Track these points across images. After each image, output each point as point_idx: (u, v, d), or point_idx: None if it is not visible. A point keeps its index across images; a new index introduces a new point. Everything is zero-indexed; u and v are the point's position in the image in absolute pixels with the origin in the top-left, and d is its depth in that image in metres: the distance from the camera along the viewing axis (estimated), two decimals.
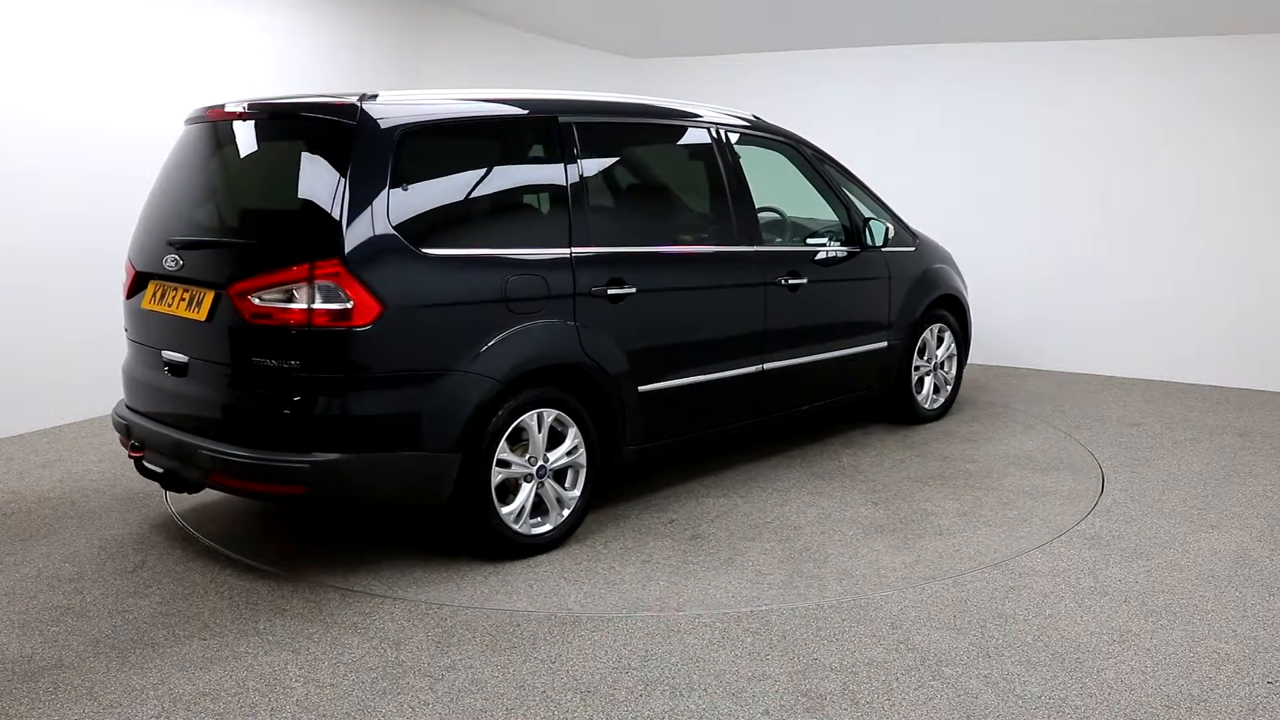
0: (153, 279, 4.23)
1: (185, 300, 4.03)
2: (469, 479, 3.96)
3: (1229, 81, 7.36)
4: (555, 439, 4.25)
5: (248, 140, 4.23)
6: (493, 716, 3.00)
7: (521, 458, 4.13)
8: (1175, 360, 7.71)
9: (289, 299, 3.69)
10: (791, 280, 5.22)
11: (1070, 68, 7.84)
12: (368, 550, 4.24)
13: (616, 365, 4.40)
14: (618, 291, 4.40)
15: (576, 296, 4.26)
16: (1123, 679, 3.22)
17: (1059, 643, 3.47)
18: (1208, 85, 7.43)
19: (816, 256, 5.49)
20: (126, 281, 4.41)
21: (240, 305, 3.76)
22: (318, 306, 3.66)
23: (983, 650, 3.41)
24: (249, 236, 4.09)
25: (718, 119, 5.21)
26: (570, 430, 4.27)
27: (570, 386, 4.29)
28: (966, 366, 6.78)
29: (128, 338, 4.43)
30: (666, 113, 5.05)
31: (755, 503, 4.88)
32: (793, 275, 5.24)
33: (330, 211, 3.71)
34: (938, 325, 6.36)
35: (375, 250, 3.74)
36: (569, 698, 3.11)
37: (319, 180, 3.80)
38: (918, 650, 3.41)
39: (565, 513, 4.29)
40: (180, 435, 4.00)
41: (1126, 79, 7.70)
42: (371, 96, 3.93)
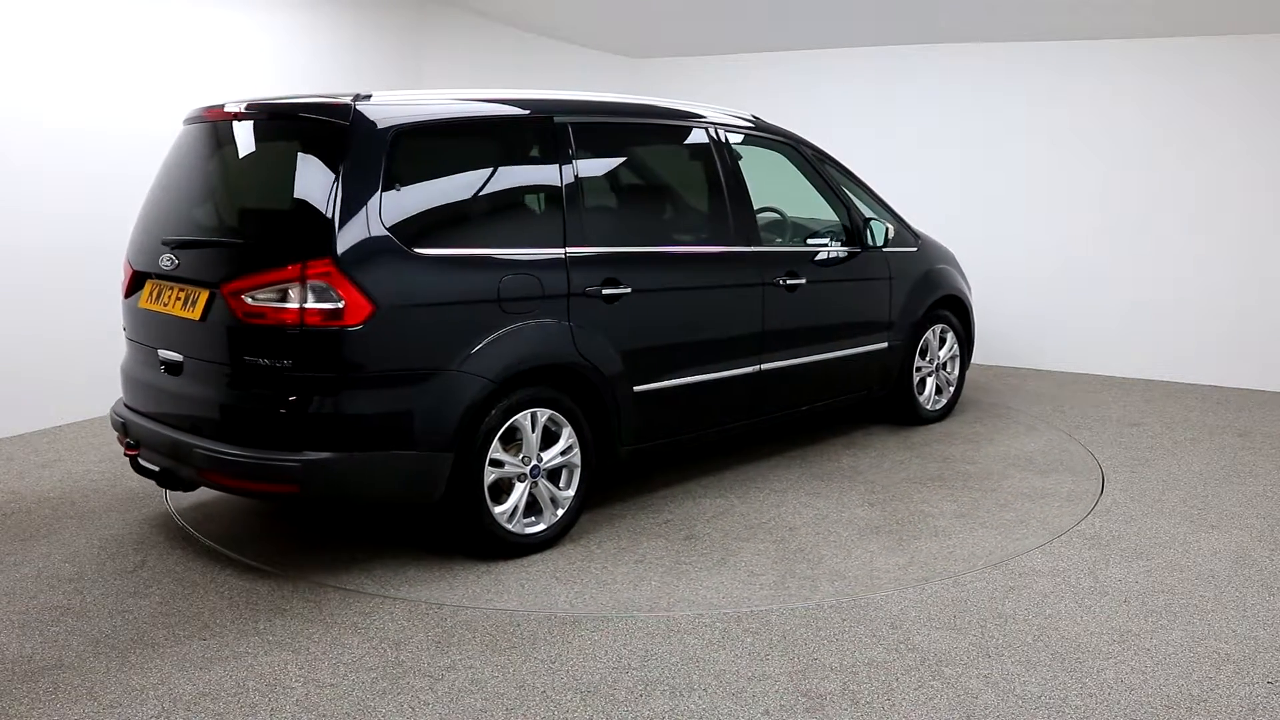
0: (149, 278, 4.25)
1: (181, 299, 4.04)
2: (462, 478, 3.96)
3: (1229, 81, 7.36)
4: (550, 439, 4.26)
5: (243, 140, 4.24)
6: (493, 716, 3.00)
7: (515, 457, 4.13)
8: (1175, 360, 7.71)
9: (282, 298, 3.70)
10: (790, 280, 5.22)
11: (1070, 68, 7.84)
12: (360, 549, 4.24)
13: (611, 365, 4.40)
14: (612, 291, 4.40)
15: (571, 296, 4.26)
16: (1123, 679, 3.22)
17: (1059, 643, 3.47)
18: (1208, 85, 7.43)
19: (816, 257, 5.48)
20: (124, 281, 4.44)
21: (234, 304, 3.78)
22: (310, 306, 3.67)
23: (983, 650, 3.41)
24: (243, 236, 4.10)
25: (716, 119, 5.20)
26: (564, 430, 4.27)
27: (564, 386, 4.29)
28: (969, 367, 6.76)
29: (126, 337, 4.45)
30: (663, 113, 5.04)
31: (752, 503, 4.88)
32: (791, 275, 5.23)
33: (323, 211, 3.72)
34: (940, 326, 6.34)
35: (367, 250, 3.75)
36: (569, 698, 3.11)
37: (312, 180, 3.81)
38: (918, 650, 3.41)
39: (559, 512, 4.29)
40: (175, 434, 4.01)
41: (1126, 79, 7.70)
42: (365, 97, 3.94)
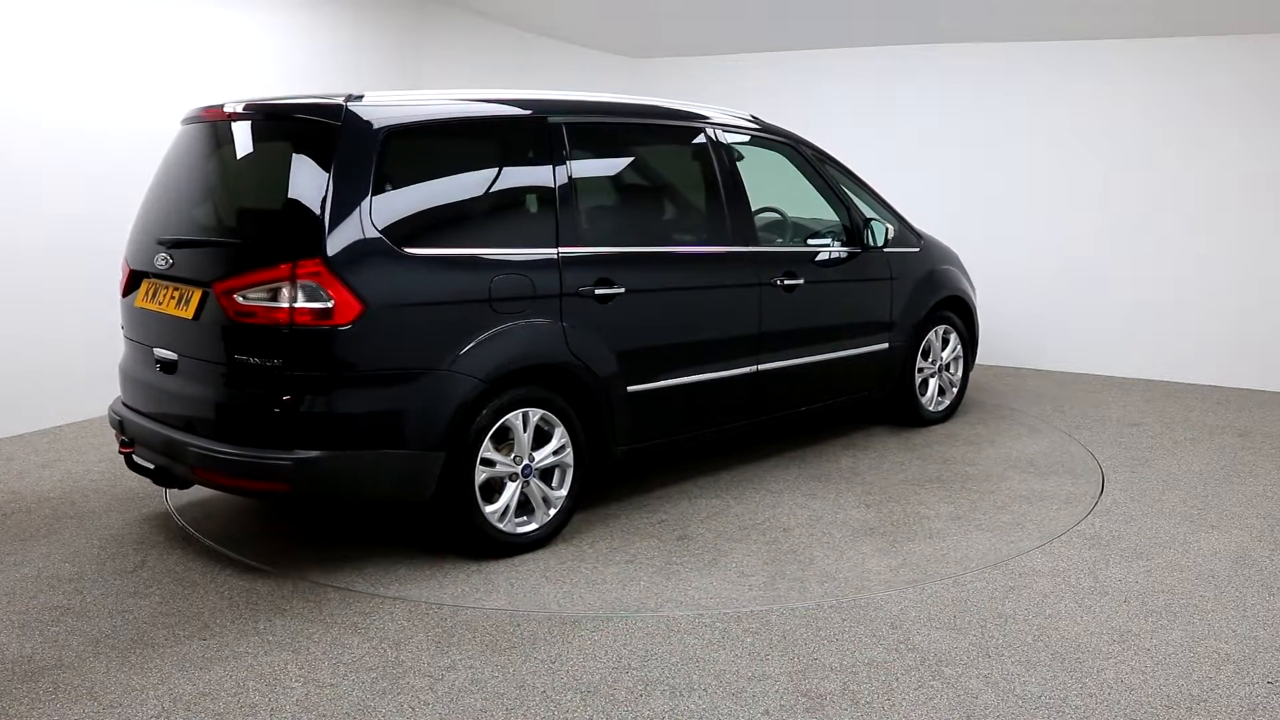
0: (146, 277, 4.28)
1: (175, 298, 4.06)
2: (452, 477, 3.97)
3: (1229, 81, 7.36)
4: (542, 438, 4.26)
5: (238, 140, 4.25)
6: (493, 716, 3.00)
7: (507, 457, 4.13)
8: (1175, 360, 7.70)
9: (272, 298, 3.71)
10: (788, 281, 5.20)
11: (1070, 68, 7.83)
12: (353, 547, 4.25)
13: (604, 365, 4.40)
14: (606, 291, 4.39)
15: (563, 296, 4.26)
16: (1123, 679, 3.22)
17: (1059, 643, 3.47)
18: (1208, 85, 7.43)
19: (816, 257, 5.47)
20: (122, 280, 4.46)
21: (225, 304, 3.79)
22: (300, 305, 3.68)
23: (983, 650, 3.41)
24: (235, 235, 4.12)
25: (714, 119, 5.18)
26: (557, 430, 4.27)
27: (557, 386, 4.29)
28: (973, 369, 6.73)
29: (124, 335, 4.47)
30: (659, 112, 5.02)
31: (747, 504, 4.87)
32: (789, 276, 5.22)
33: (313, 211, 3.73)
34: (943, 327, 6.30)
35: (357, 250, 3.76)
36: (569, 698, 3.11)
37: (304, 180, 3.82)
38: (918, 650, 3.41)
39: (551, 512, 4.29)
40: (169, 432, 4.04)
41: (1126, 79, 7.69)
42: (357, 97, 3.94)
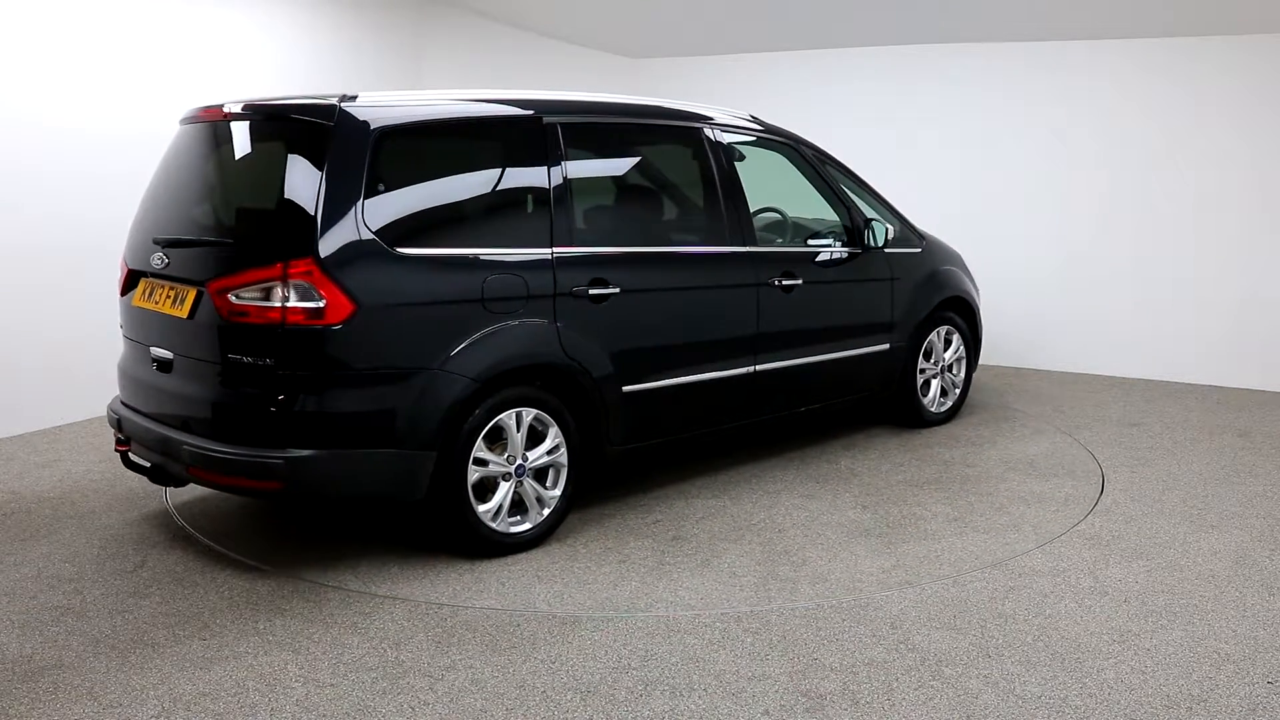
0: (143, 277, 4.30)
1: (170, 298, 4.08)
2: (445, 477, 3.97)
3: (1229, 81, 7.35)
4: (536, 438, 4.26)
5: (235, 140, 4.26)
6: (493, 716, 3.00)
7: (500, 456, 4.14)
8: (1175, 360, 7.70)
9: (265, 297, 3.73)
10: (786, 281, 5.19)
11: (1070, 68, 7.83)
12: (348, 546, 4.25)
13: (599, 365, 4.39)
14: (600, 292, 4.39)
15: (557, 297, 4.26)
16: (1123, 679, 3.22)
17: (1059, 643, 3.47)
18: (1208, 85, 7.43)
19: (817, 258, 5.46)
20: (121, 279, 4.48)
21: (219, 303, 3.81)
22: (292, 305, 3.70)
23: (983, 650, 3.41)
24: (229, 235, 4.14)
25: (713, 119, 5.17)
26: (551, 430, 4.27)
27: (551, 386, 4.29)
28: (976, 370, 6.72)
29: (122, 334, 4.49)
30: (655, 112, 5.00)
31: (744, 504, 4.87)
32: (787, 276, 5.21)
33: (306, 211, 3.75)
34: (945, 328, 6.27)
35: (349, 250, 3.77)
36: (569, 698, 3.11)
37: (297, 180, 3.83)
38: (918, 650, 3.41)
39: (545, 512, 4.29)
40: (165, 430, 4.05)
41: (1126, 79, 7.69)
42: (351, 98, 3.96)
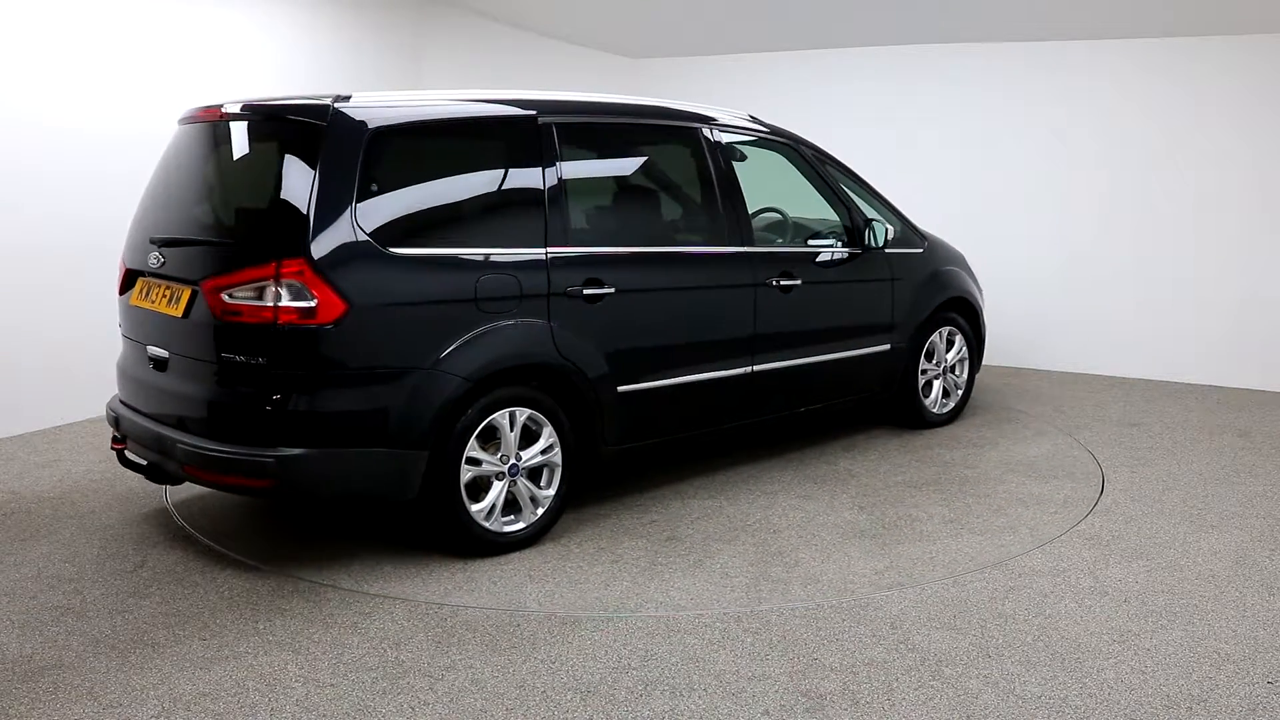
0: (140, 276, 4.31)
1: (166, 297, 4.09)
2: (438, 476, 3.97)
3: (1229, 81, 7.36)
4: (531, 438, 4.26)
5: (231, 140, 4.28)
6: (493, 716, 3.00)
7: (493, 456, 4.14)
8: (1175, 360, 7.70)
9: (258, 296, 3.74)
10: (784, 281, 5.18)
11: (1070, 68, 7.83)
12: (342, 545, 4.25)
13: (593, 365, 4.39)
14: (595, 292, 4.39)
15: (551, 296, 4.26)
16: (1123, 679, 3.22)
17: (1059, 643, 3.47)
18: (1208, 85, 7.43)
19: (817, 258, 5.45)
20: (119, 278, 4.49)
21: (212, 302, 3.82)
22: (284, 304, 3.71)
23: (983, 650, 3.41)
24: (223, 235, 4.15)
25: (710, 118, 5.16)
26: (545, 429, 4.27)
27: (545, 386, 4.29)
28: (979, 370, 6.69)
29: (121, 333, 4.49)
30: (651, 112, 4.99)
31: (740, 505, 4.86)
32: (786, 276, 5.20)
33: (299, 211, 3.75)
34: (947, 329, 6.23)
35: (342, 250, 3.77)
36: (569, 698, 3.11)
37: (290, 180, 3.85)
38: (918, 650, 3.41)
39: (539, 511, 4.29)
40: (161, 429, 4.07)
41: (1126, 79, 7.69)
42: (345, 98, 3.96)
